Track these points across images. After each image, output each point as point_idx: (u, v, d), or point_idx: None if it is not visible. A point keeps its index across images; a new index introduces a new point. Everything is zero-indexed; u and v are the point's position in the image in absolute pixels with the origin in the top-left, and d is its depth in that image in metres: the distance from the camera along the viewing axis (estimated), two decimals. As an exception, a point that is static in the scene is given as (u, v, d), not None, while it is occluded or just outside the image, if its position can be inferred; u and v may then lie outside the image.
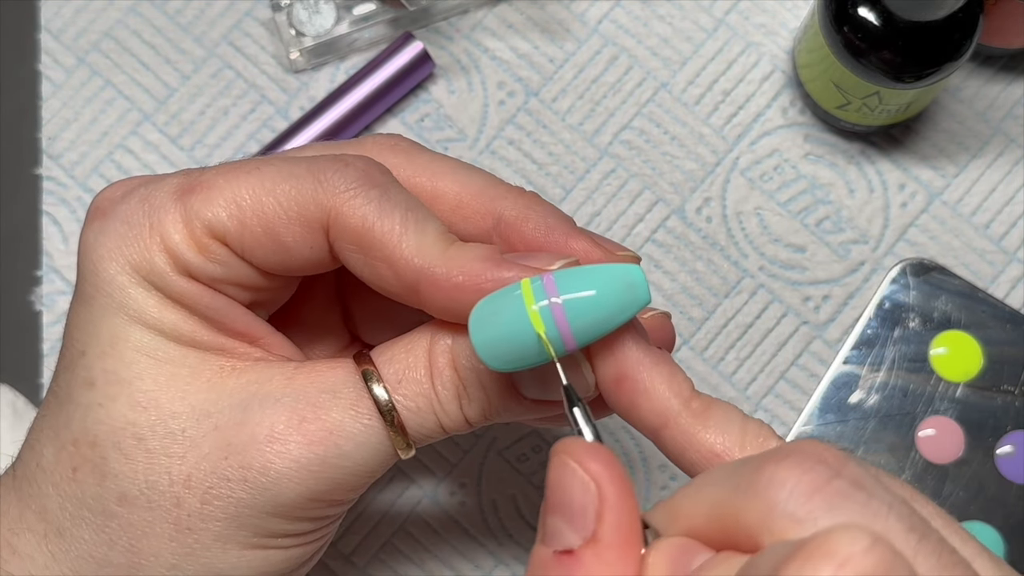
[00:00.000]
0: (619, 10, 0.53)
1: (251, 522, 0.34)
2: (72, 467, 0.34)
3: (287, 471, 0.33)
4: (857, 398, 0.49)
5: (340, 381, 0.34)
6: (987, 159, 0.51)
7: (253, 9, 0.53)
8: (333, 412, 0.34)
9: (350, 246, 0.34)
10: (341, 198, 0.34)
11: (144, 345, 0.34)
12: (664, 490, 0.49)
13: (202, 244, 0.34)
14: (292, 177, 0.34)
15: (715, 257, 0.51)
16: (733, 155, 0.51)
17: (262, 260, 0.35)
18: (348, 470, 0.34)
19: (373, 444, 0.34)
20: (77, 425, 0.35)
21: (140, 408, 0.34)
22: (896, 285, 0.50)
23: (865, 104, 0.48)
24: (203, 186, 0.35)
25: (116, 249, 0.35)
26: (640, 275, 0.32)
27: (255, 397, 0.34)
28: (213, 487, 0.34)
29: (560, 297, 0.31)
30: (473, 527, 0.49)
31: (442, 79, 0.52)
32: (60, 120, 0.52)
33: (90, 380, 0.35)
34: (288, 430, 0.34)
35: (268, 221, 0.34)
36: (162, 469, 0.34)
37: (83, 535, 0.34)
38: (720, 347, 0.50)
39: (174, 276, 0.34)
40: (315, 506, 0.34)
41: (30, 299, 0.51)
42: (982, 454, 0.48)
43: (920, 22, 0.44)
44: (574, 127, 0.52)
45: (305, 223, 0.34)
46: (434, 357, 0.35)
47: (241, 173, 0.35)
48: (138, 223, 0.35)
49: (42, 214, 0.52)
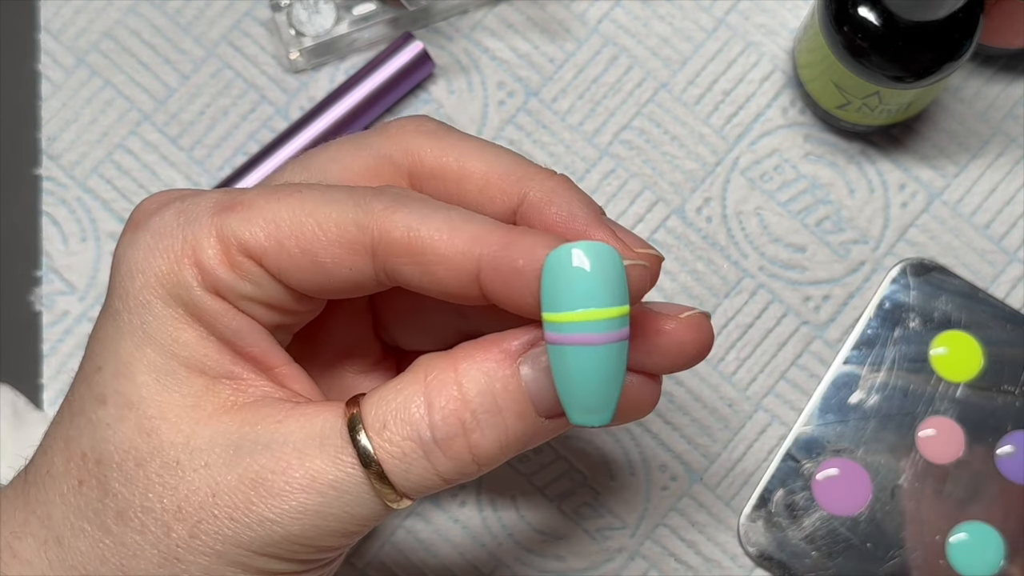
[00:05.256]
0: (619, 10, 0.53)
1: (239, 560, 0.34)
2: (79, 479, 0.35)
3: (272, 516, 0.33)
4: (857, 398, 0.49)
5: (328, 428, 0.34)
6: (987, 159, 0.51)
7: (253, 9, 0.53)
8: (316, 460, 0.33)
9: (401, 259, 0.33)
10: (382, 215, 0.33)
11: (156, 368, 0.34)
12: (664, 490, 0.49)
13: (235, 262, 0.34)
14: (332, 201, 0.34)
15: (715, 257, 0.51)
16: (733, 155, 0.51)
17: (299, 282, 0.34)
18: (332, 518, 0.34)
19: (356, 493, 0.33)
20: (87, 440, 0.35)
21: (144, 434, 0.34)
22: (896, 285, 0.50)
23: (865, 104, 0.48)
24: (242, 205, 0.34)
25: (144, 261, 0.34)
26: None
27: (247, 439, 0.34)
28: (202, 521, 0.33)
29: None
30: (473, 527, 0.49)
31: (442, 79, 0.52)
32: (60, 120, 0.52)
33: (103, 398, 0.35)
34: (273, 477, 0.33)
35: (306, 242, 0.34)
36: (156, 496, 0.34)
37: (79, 546, 0.34)
38: (720, 347, 0.50)
39: (199, 291, 0.34)
40: (304, 550, 0.34)
41: (30, 299, 0.51)
42: (982, 454, 0.48)
43: (920, 22, 0.44)
44: (574, 127, 0.52)
45: (344, 244, 0.34)
46: (432, 391, 0.33)
47: (282, 195, 0.34)
48: (171, 235, 0.34)
49: (42, 214, 0.52)
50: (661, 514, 0.49)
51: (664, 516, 0.49)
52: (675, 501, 0.49)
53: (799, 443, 0.49)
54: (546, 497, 0.49)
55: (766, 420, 0.50)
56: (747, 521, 0.49)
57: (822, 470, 0.48)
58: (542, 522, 0.49)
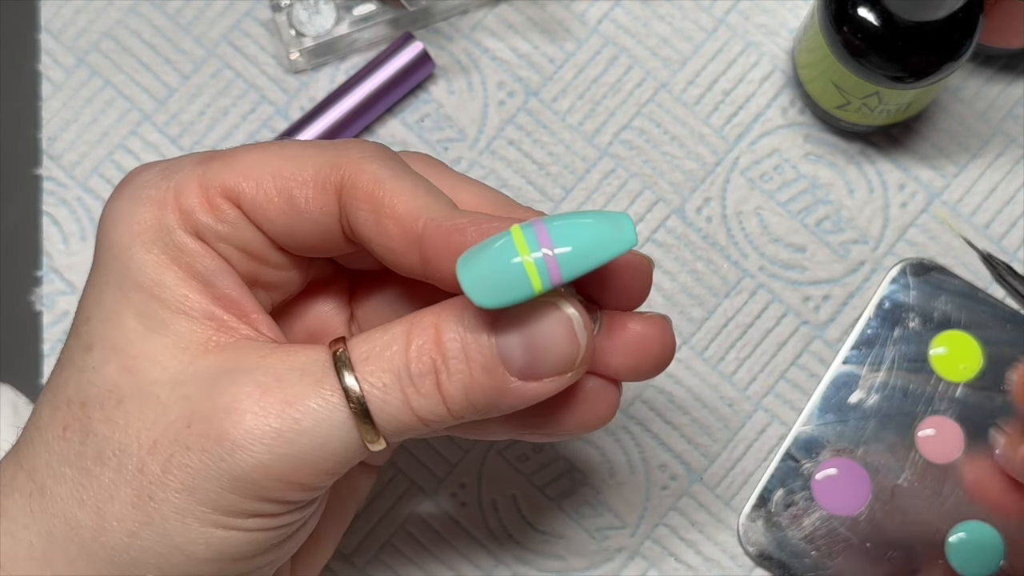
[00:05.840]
0: (619, 10, 0.53)
1: (208, 496, 0.34)
2: (63, 426, 0.35)
3: (242, 441, 0.33)
4: (857, 398, 0.49)
5: (311, 360, 0.34)
6: (987, 159, 0.51)
7: (253, 9, 0.53)
8: (296, 386, 0.34)
9: (361, 204, 0.35)
10: (357, 160, 0.35)
11: (140, 312, 0.35)
12: (664, 490, 0.49)
13: (214, 203, 0.35)
14: (313, 146, 0.36)
15: (715, 257, 0.51)
16: (733, 155, 0.51)
17: (272, 222, 0.36)
18: (305, 447, 0.34)
19: (333, 422, 0.34)
20: (72, 387, 0.35)
21: (127, 372, 0.35)
22: (896, 285, 0.50)
23: (865, 104, 0.48)
24: (225, 155, 0.36)
25: (127, 210, 0.36)
26: (629, 221, 0.33)
27: (227, 370, 0.34)
28: (174, 455, 0.34)
29: (553, 248, 0.32)
30: (473, 527, 0.49)
31: (442, 79, 0.52)
32: (60, 120, 0.52)
33: (89, 344, 0.35)
34: (248, 401, 0.34)
35: (283, 180, 0.35)
36: (134, 433, 0.34)
37: (60, 492, 0.35)
38: (720, 347, 0.50)
39: (181, 233, 0.35)
40: (274, 486, 0.34)
41: (30, 299, 0.51)
42: (982, 454, 0.48)
43: (920, 22, 0.44)
44: (574, 127, 0.52)
45: (319, 184, 0.35)
46: (414, 333, 0.34)
47: (265, 145, 0.36)
48: (154, 185, 0.36)
49: (42, 214, 0.52)
50: (661, 514, 0.49)
51: (664, 516, 0.49)
52: (675, 500, 0.49)
53: (799, 443, 0.49)
54: (546, 497, 0.49)
55: (766, 420, 0.50)
56: (747, 521, 0.49)
57: (822, 470, 0.49)
58: (542, 522, 0.49)
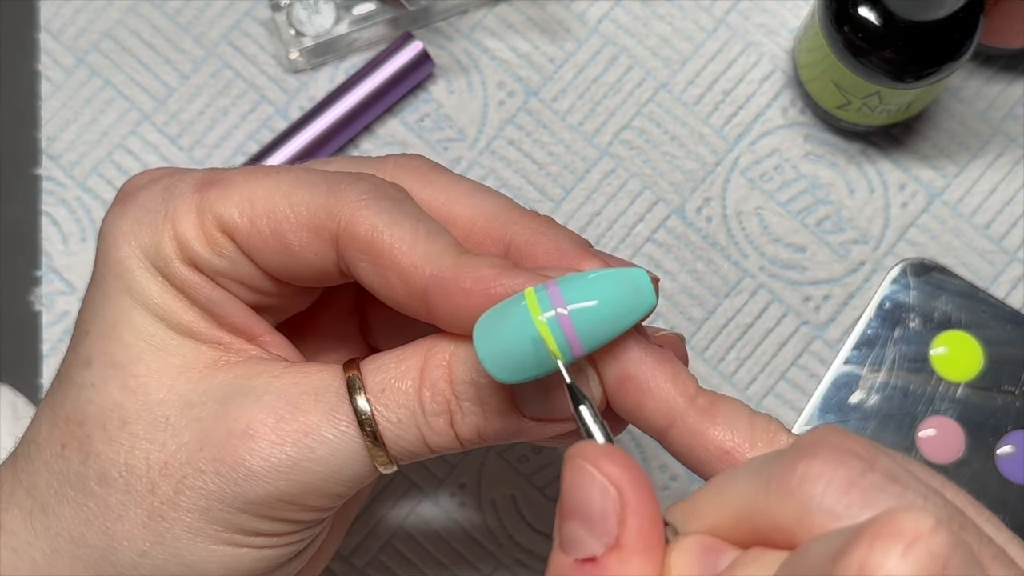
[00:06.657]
0: (619, 10, 0.53)
1: (221, 516, 0.34)
2: (61, 444, 0.35)
3: (258, 468, 0.33)
4: (857, 398, 0.49)
5: (324, 385, 0.34)
6: (987, 159, 0.51)
7: (253, 9, 0.53)
8: (311, 415, 0.34)
9: (360, 256, 0.34)
10: (352, 207, 0.34)
11: (143, 330, 0.35)
12: (664, 490, 0.49)
13: (211, 237, 0.35)
14: (308, 184, 0.35)
15: (715, 257, 0.51)
16: (733, 155, 0.51)
17: (267, 261, 0.35)
18: (320, 475, 0.34)
19: (348, 453, 0.34)
20: (70, 403, 0.35)
21: (129, 392, 0.34)
22: (896, 285, 0.50)
23: (865, 104, 0.48)
24: (223, 182, 0.35)
25: (130, 232, 0.35)
26: (645, 279, 0.32)
27: (239, 392, 0.34)
28: (187, 476, 0.34)
29: (567, 307, 0.31)
30: (473, 527, 0.49)
31: (442, 79, 0.52)
32: (60, 120, 0.52)
33: (88, 360, 0.35)
34: (263, 428, 0.33)
35: (277, 222, 0.34)
36: (142, 454, 0.34)
37: (63, 512, 0.34)
38: (720, 347, 0.50)
39: (178, 263, 0.35)
40: (287, 508, 0.34)
41: (30, 299, 0.51)
42: (982, 454, 0.48)
43: (920, 22, 0.44)
44: (574, 127, 0.52)
45: (313, 229, 0.34)
46: (428, 368, 0.34)
47: (260, 175, 0.35)
48: (155, 209, 0.35)
49: (42, 214, 0.52)
50: (661, 514, 0.49)
51: (664, 516, 0.49)
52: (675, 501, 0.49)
53: (799, 443, 0.49)
54: (546, 497, 0.49)
55: (766, 420, 0.50)
56: (747, 521, 0.48)
57: (822, 470, 0.48)
58: (542, 522, 0.49)
